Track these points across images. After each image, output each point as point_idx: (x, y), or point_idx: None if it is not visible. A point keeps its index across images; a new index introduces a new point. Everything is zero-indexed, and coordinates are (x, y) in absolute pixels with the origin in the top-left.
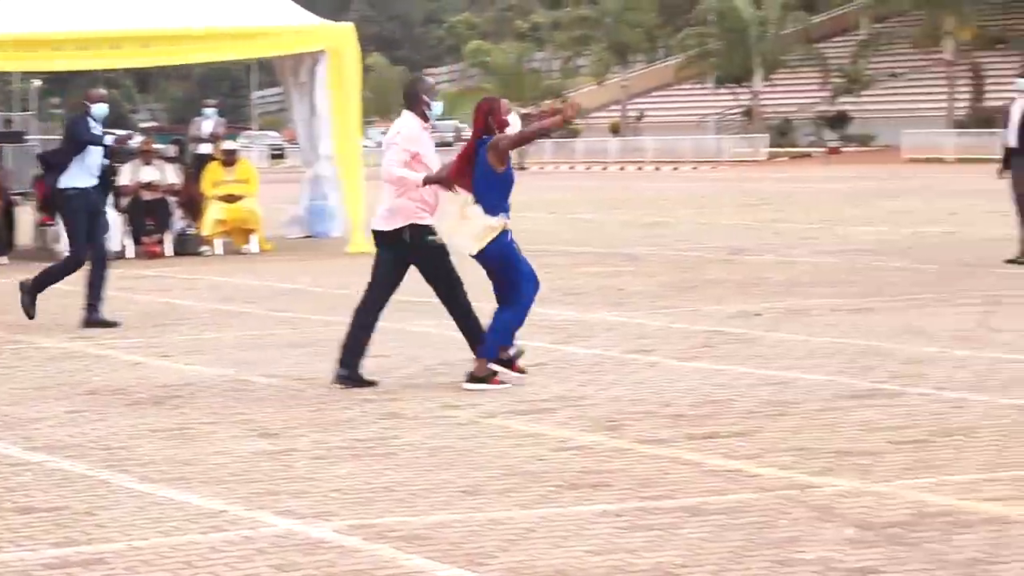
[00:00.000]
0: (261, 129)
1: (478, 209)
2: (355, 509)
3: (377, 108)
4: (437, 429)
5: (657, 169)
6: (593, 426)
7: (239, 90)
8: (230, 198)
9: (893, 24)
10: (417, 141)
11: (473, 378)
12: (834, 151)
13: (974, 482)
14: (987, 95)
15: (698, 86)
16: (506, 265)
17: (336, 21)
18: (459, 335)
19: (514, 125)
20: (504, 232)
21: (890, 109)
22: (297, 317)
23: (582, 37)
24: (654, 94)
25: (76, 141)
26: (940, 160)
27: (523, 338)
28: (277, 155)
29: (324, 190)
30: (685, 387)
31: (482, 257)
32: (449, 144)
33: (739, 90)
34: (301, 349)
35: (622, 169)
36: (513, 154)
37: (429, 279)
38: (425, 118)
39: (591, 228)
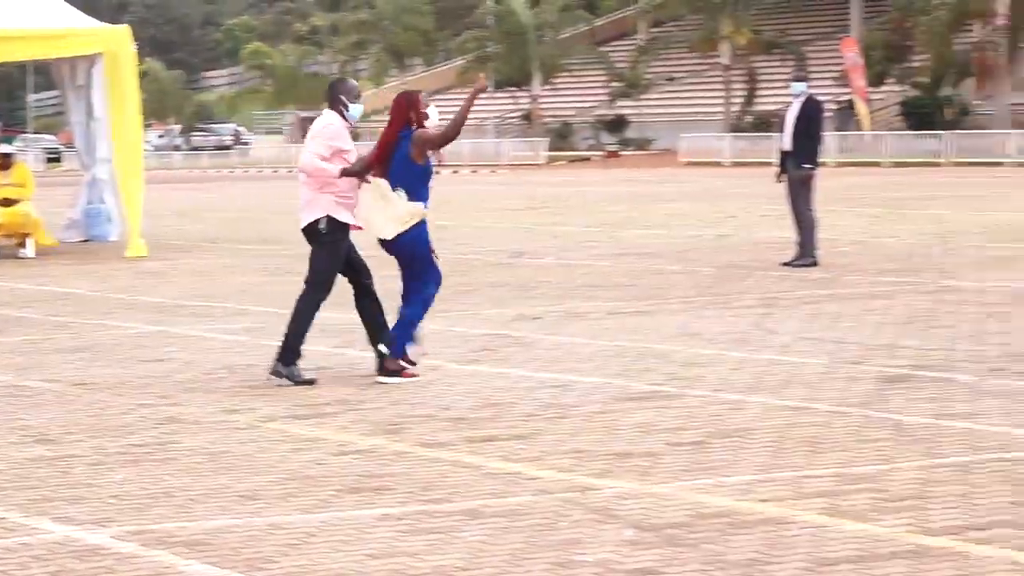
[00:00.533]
0: (37, 132)
1: (401, 194)
2: (133, 515)
3: (154, 111)
4: (217, 434)
5: (436, 172)
6: (374, 430)
7: (14, 93)
8: (6, 202)
9: (671, 29)
10: (340, 138)
11: (386, 371)
12: (613, 154)
13: (751, 483)
14: (762, 99)
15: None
16: (420, 256)
17: (113, 24)
18: (242, 338)
19: (433, 117)
20: (424, 221)
21: (668, 113)
22: (75, 322)
23: (360, 41)
24: (434, 97)
25: None
26: (717, 163)
27: (310, 343)
28: (53, 159)
29: (101, 194)
30: (465, 390)
31: (397, 244)
32: (228, 147)
33: (519, 93)
34: (79, 354)
35: None
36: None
37: (348, 275)
38: (344, 117)
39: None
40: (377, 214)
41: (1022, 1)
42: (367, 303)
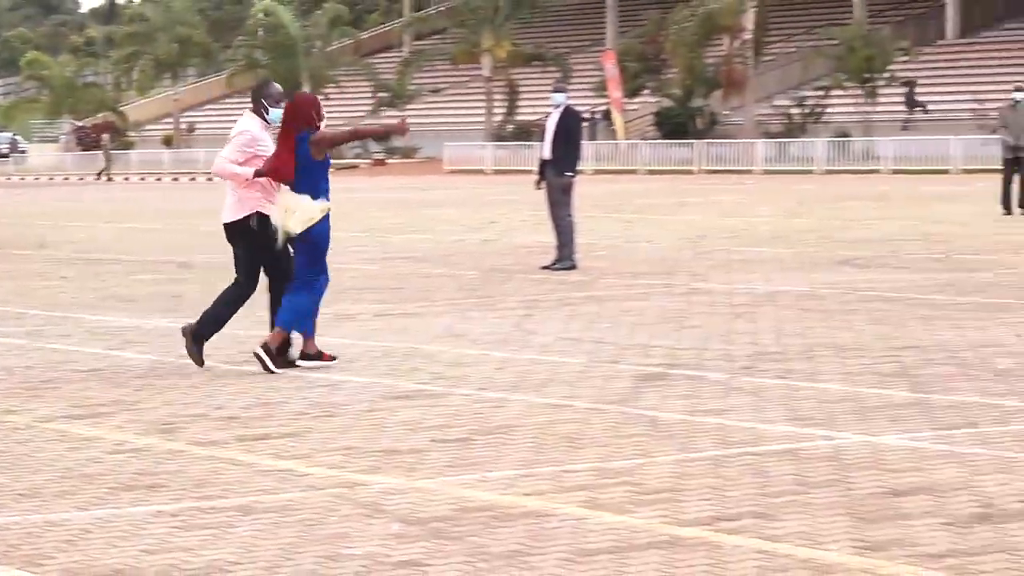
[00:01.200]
0: None
1: (304, 198)
2: None
3: None
4: None
5: (210, 180)
6: (148, 429)
7: None
8: None
9: (434, 41)
10: (256, 143)
11: (304, 355)
12: (379, 163)
13: (513, 478)
14: (522, 109)
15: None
16: (322, 248)
17: None
18: (20, 341)
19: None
20: (327, 216)
21: (432, 122)
22: None
23: (134, 52)
24: (207, 107)
25: None
26: (480, 171)
27: (85, 344)
28: None
29: None
30: (237, 390)
31: (305, 235)
32: (5, 155)
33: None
34: None
35: (175, 180)
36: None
37: (267, 266)
38: (265, 120)
39: (146, 237)
40: (288, 215)
41: (765, 17)
42: (278, 294)
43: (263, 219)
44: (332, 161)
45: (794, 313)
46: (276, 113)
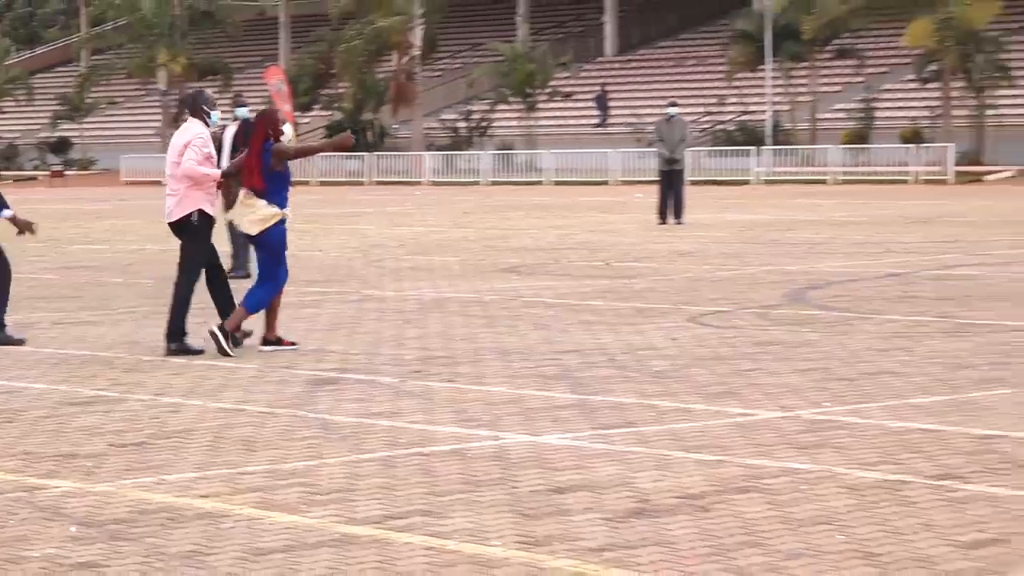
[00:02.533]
0: None
1: (261, 201)
2: None
3: None
4: None
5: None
6: None
7: None
8: None
9: (110, 56)
10: (209, 144)
11: (265, 341)
12: (58, 174)
13: (190, 480)
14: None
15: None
16: (278, 250)
17: None
18: None
19: (287, 134)
20: (283, 220)
21: (110, 135)
22: None
23: None
24: None
25: None
26: (157, 182)
27: None
28: None
29: None
30: None
31: (261, 237)
32: None
33: None
34: None
35: None
36: None
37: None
38: (207, 124)
39: None
40: (242, 217)
41: (433, 34)
42: (218, 284)
43: (203, 216)
44: (13, 173)
45: (461, 319)
46: (215, 116)
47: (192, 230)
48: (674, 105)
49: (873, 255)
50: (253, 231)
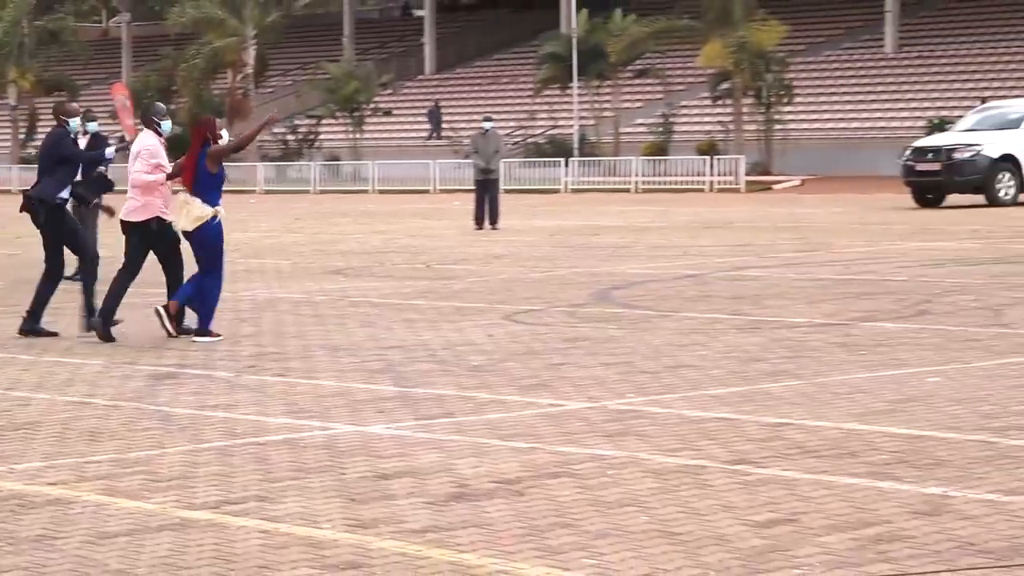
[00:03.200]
0: None
1: (197, 200)
2: None
3: None
4: None
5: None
6: None
7: None
8: None
9: None
10: (158, 154)
11: (198, 333)
12: None
13: (38, 469)
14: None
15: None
16: (211, 245)
17: None
18: None
19: (225, 139)
20: (214, 218)
21: None
22: None
23: None
24: None
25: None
26: (7, 191)
27: None
28: None
29: None
30: None
31: (194, 235)
32: None
33: None
34: None
35: None
36: None
37: (162, 257)
38: (159, 133)
39: None
40: (182, 215)
41: (265, 53)
42: (172, 273)
43: (161, 222)
44: None
45: (292, 317)
46: (166, 125)
47: (150, 234)
48: (489, 120)
49: (672, 257)
50: (188, 227)
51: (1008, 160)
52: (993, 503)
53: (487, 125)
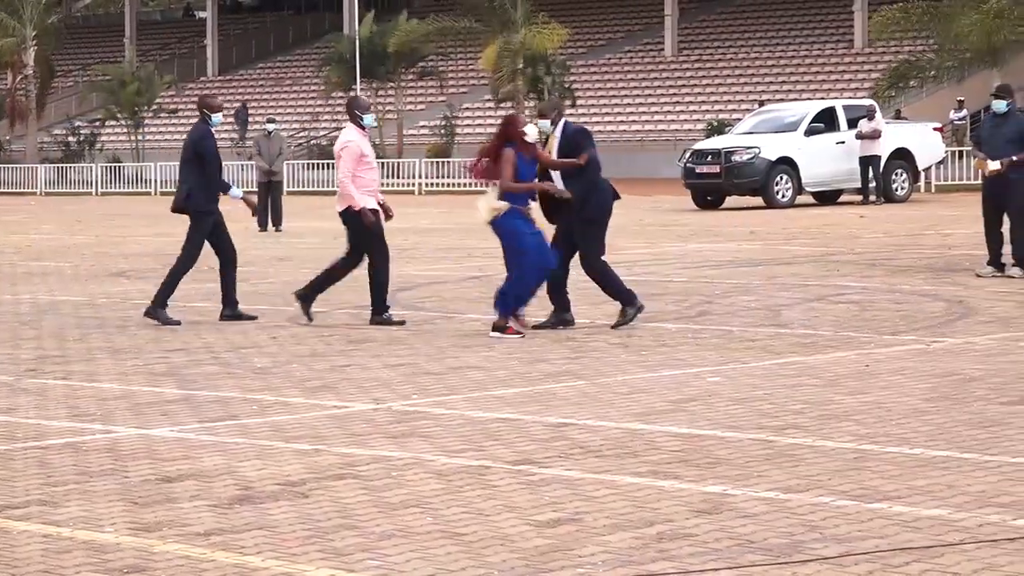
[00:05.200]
0: None
1: (492, 193)
2: None
3: None
4: None
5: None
6: None
7: None
8: None
9: None
10: (360, 146)
11: (495, 327)
12: None
13: None
14: None
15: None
16: (508, 240)
17: None
18: None
19: (531, 135)
20: (510, 213)
21: None
22: None
23: None
24: None
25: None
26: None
27: None
28: None
29: None
30: None
31: (493, 227)
32: None
33: None
34: None
35: None
36: None
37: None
38: (362, 127)
39: None
40: (479, 207)
41: (46, 55)
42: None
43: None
44: None
45: (75, 320)
46: (368, 119)
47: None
48: (272, 121)
49: (456, 259)
50: (487, 218)
51: (785, 163)
52: (772, 501)
53: (270, 127)
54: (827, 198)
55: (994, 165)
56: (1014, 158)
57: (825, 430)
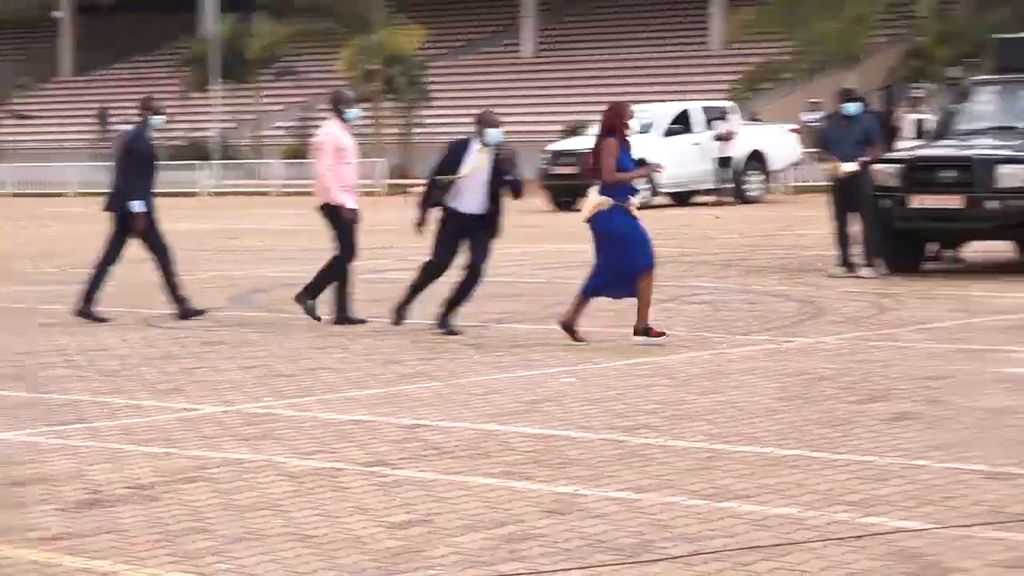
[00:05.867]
0: None
1: (594, 189)
2: None
3: None
4: None
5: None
6: None
7: None
8: None
9: None
10: (340, 140)
11: (636, 331)
12: None
13: None
14: None
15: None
16: (603, 237)
17: None
18: None
19: (633, 126)
20: (614, 209)
21: None
22: None
23: None
24: None
25: None
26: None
27: None
28: None
29: None
30: None
31: (590, 223)
32: None
33: None
34: None
35: None
36: None
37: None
38: (344, 121)
39: None
40: (584, 203)
41: None
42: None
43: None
44: None
45: None
46: (351, 113)
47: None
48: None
49: (310, 261)
50: (582, 216)
51: (643, 164)
52: (623, 501)
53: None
54: (681, 199)
55: (850, 167)
56: (867, 159)
57: (677, 430)
